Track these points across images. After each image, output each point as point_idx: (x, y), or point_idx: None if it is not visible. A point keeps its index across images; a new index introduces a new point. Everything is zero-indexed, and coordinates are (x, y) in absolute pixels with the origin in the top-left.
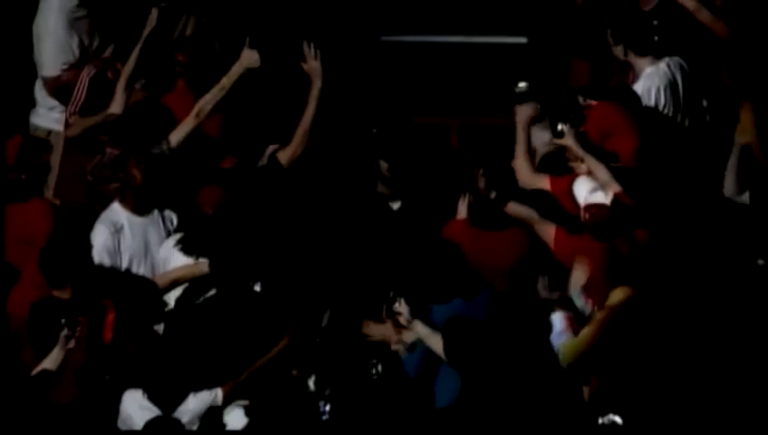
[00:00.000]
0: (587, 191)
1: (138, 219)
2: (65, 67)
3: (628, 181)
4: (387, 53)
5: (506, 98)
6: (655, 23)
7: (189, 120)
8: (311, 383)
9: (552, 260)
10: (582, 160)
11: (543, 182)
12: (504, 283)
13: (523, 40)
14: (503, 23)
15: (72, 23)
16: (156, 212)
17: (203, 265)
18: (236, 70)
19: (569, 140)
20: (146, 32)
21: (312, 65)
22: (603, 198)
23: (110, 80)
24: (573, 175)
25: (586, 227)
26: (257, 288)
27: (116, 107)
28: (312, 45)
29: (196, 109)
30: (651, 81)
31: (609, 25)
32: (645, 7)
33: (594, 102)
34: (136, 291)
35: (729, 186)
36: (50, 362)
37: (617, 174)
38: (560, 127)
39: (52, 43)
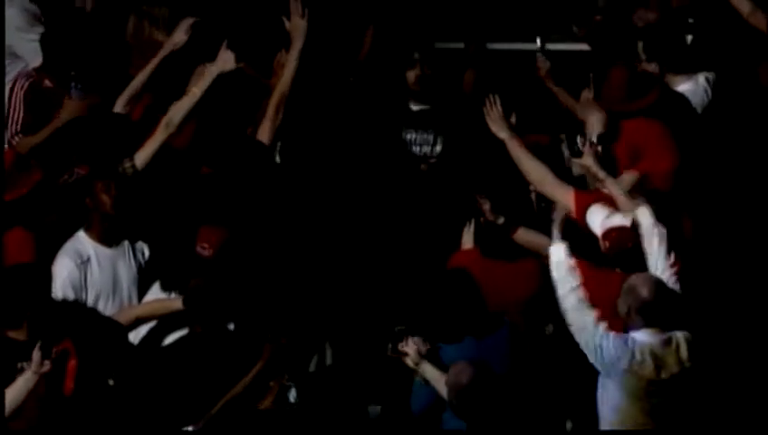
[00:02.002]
0: (603, 217)
1: (106, 251)
2: None
3: (661, 208)
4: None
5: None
6: (690, 38)
7: (158, 133)
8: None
9: None
10: (602, 182)
11: (566, 195)
12: (519, 318)
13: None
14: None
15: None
16: (126, 243)
17: (174, 301)
18: (209, 75)
19: (588, 160)
20: (166, 49)
21: (296, 22)
22: (622, 220)
23: (47, 89)
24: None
25: (608, 257)
26: (231, 326)
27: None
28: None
29: (164, 120)
30: (689, 96)
31: (641, 40)
32: (676, 4)
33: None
34: (100, 332)
35: None
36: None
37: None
38: (578, 143)
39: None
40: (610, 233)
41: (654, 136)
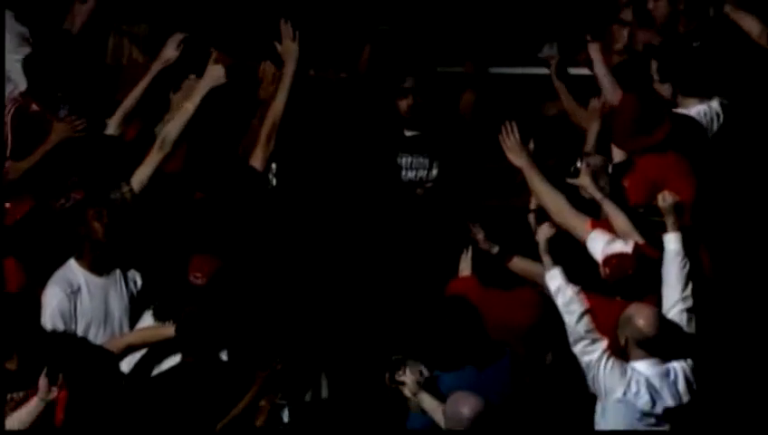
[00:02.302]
0: (603, 243)
1: (97, 280)
2: None
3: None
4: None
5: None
6: (705, 61)
7: (153, 154)
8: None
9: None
10: (600, 204)
11: (582, 225)
12: (519, 347)
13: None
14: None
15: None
16: (117, 272)
17: (166, 328)
18: (201, 89)
19: (585, 180)
20: (157, 66)
21: (288, 46)
22: (623, 246)
23: (34, 113)
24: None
25: (608, 284)
26: (224, 356)
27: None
28: (290, 23)
29: (158, 140)
30: (702, 122)
31: (656, 60)
32: (683, 29)
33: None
34: (90, 362)
35: None
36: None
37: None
38: (576, 164)
39: None
40: (611, 259)
41: (671, 169)
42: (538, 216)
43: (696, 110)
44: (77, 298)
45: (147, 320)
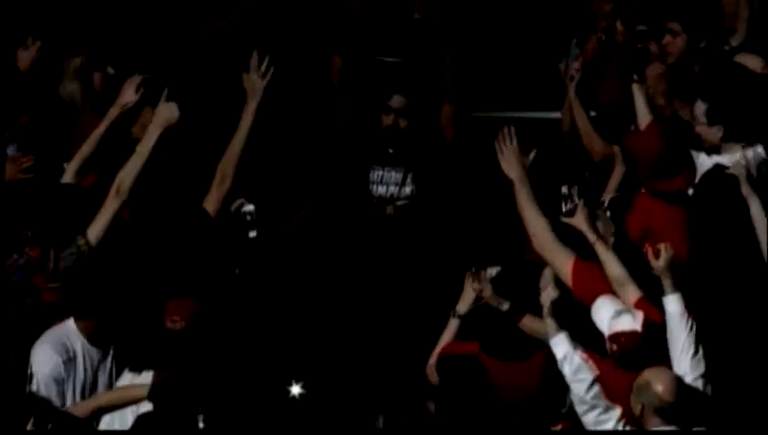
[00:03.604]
0: (609, 316)
1: (93, 350)
2: None
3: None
4: None
5: None
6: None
7: (108, 203)
8: None
9: None
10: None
11: (564, 263)
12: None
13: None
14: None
15: None
16: (112, 347)
17: (136, 389)
18: (153, 130)
19: (579, 220)
20: (115, 110)
21: (254, 80)
22: (631, 322)
23: None
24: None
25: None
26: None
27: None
28: (262, 58)
29: (114, 188)
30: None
31: (704, 101)
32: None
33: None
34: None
35: None
36: None
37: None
38: (568, 201)
39: None
40: (618, 338)
41: (670, 222)
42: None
43: (740, 155)
44: (71, 367)
45: (126, 377)
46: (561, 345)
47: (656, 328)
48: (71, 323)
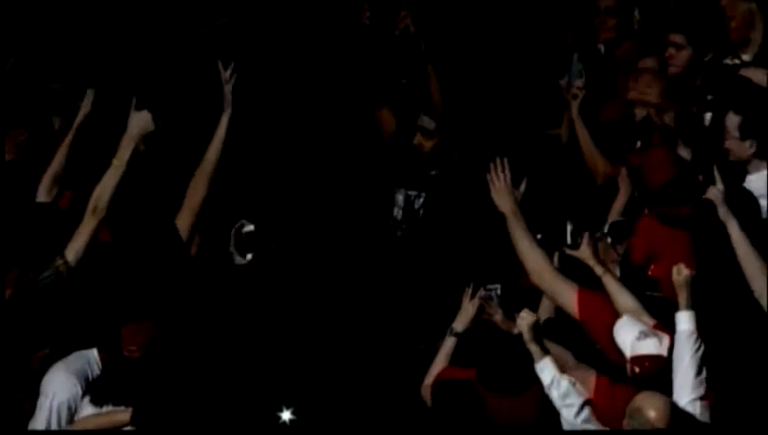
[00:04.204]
0: (634, 337)
1: None
2: None
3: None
4: None
5: None
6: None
7: (86, 221)
8: None
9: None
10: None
11: (567, 293)
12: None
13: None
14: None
15: None
16: None
17: (120, 414)
18: (127, 142)
19: (585, 253)
20: (78, 120)
21: (225, 93)
22: (657, 346)
23: None
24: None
25: (632, 379)
26: None
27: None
28: (230, 68)
29: (91, 204)
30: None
31: (737, 114)
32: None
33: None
34: None
35: None
36: None
37: (653, 306)
38: (569, 233)
39: None
40: (642, 361)
41: (675, 246)
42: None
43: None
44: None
45: (86, 408)
46: (546, 370)
47: None
48: (93, 353)
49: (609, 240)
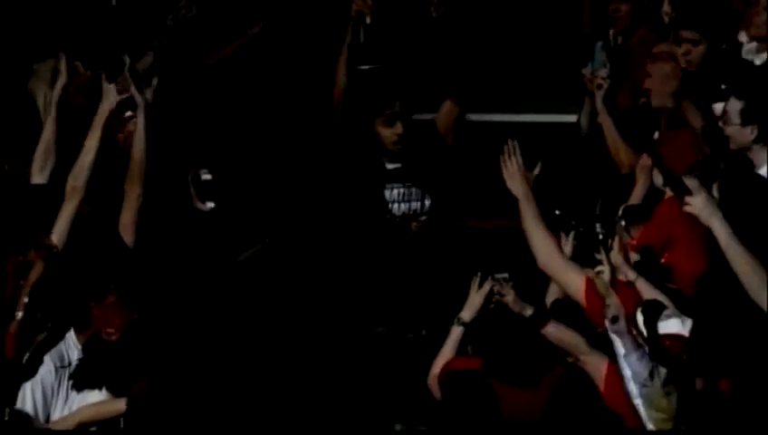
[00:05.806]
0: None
1: None
2: None
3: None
4: None
5: None
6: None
7: (67, 203)
8: None
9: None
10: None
11: (576, 282)
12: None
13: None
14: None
15: None
16: None
17: (116, 403)
18: (99, 119)
19: (616, 258)
20: (57, 92)
21: (134, 93)
22: (679, 326)
23: None
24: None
25: None
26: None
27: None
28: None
29: (68, 187)
30: None
31: (739, 99)
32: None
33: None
34: None
35: None
36: None
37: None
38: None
39: None
40: (663, 340)
41: (691, 234)
42: None
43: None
44: (63, 375)
45: (87, 397)
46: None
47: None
48: (70, 334)
49: (622, 223)
